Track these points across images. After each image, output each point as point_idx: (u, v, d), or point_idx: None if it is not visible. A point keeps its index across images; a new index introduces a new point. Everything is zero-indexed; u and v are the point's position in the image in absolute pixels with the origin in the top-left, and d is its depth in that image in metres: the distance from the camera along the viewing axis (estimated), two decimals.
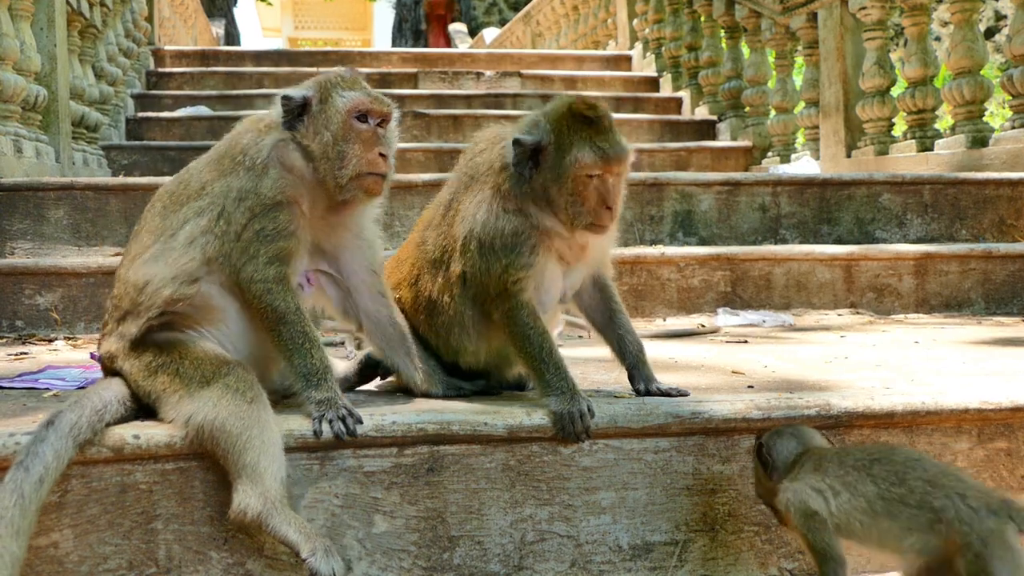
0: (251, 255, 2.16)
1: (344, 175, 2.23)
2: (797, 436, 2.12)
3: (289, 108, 2.25)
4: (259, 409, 2.03)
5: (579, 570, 2.21)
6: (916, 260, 4.61)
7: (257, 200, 2.18)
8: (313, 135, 2.24)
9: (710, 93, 8.94)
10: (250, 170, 2.21)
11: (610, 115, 2.34)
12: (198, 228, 2.19)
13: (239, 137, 2.30)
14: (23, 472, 1.87)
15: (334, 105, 2.24)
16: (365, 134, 2.24)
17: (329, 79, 2.29)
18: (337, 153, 2.22)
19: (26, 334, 4.02)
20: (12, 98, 5.48)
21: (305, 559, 1.92)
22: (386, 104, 2.29)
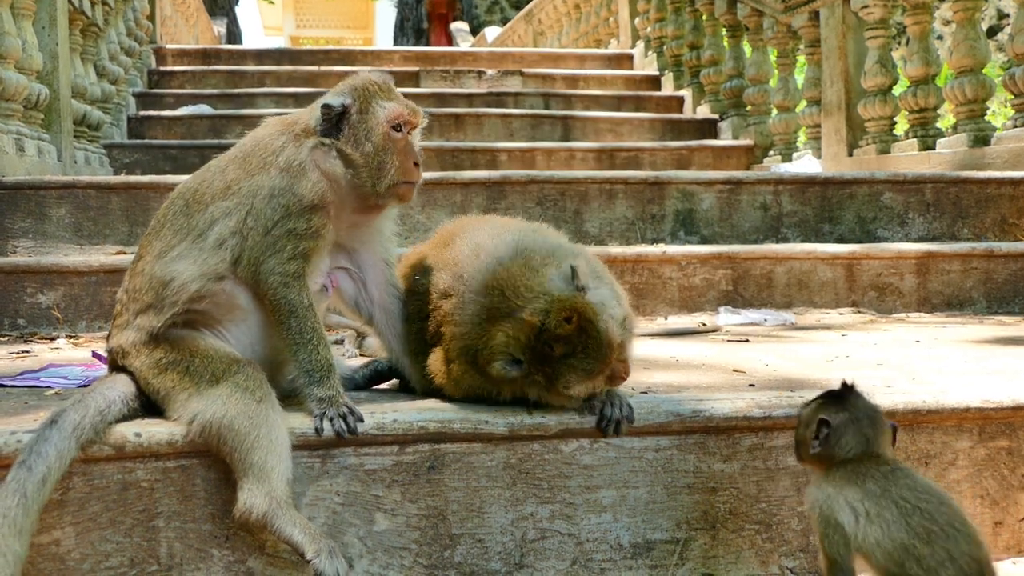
0: (276, 249, 2.18)
1: (383, 184, 2.28)
2: (865, 436, 1.97)
3: (329, 117, 2.27)
4: (268, 408, 2.03)
5: (580, 568, 2.21)
6: (918, 259, 4.60)
7: (293, 199, 2.21)
8: (354, 144, 2.27)
9: (712, 92, 8.94)
10: (285, 171, 2.23)
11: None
12: (227, 229, 2.20)
13: (270, 140, 2.30)
14: (26, 471, 1.88)
15: (375, 116, 2.27)
16: (400, 143, 2.30)
17: (367, 87, 2.31)
18: (377, 163, 2.27)
19: (28, 332, 4.02)
20: (14, 97, 5.49)
21: (310, 560, 1.93)
22: (419, 114, 2.35)
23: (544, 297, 2.00)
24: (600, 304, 2.02)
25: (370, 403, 2.35)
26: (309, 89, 9.26)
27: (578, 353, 2.01)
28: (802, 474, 2.30)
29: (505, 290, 2.03)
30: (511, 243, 2.19)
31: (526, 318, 1.99)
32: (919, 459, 2.37)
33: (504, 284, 2.03)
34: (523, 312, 1.99)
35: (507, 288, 2.03)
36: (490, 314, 2.05)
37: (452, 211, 4.97)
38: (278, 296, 2.18)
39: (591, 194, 5.14)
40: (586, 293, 2.03)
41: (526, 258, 2.10)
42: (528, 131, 8.43)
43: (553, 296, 1.99)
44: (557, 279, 2.03)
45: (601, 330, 1.99)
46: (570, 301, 1.99)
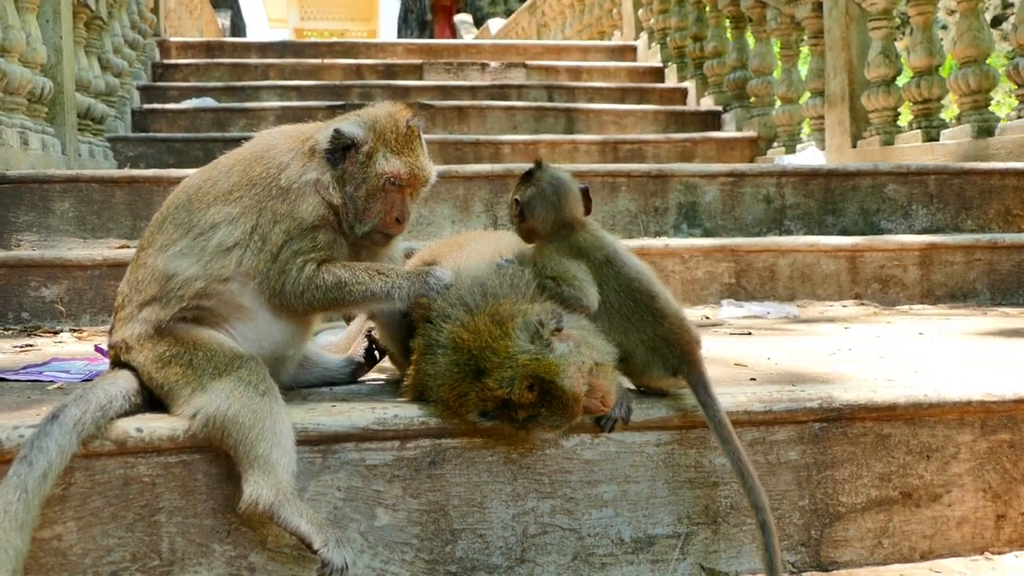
0: (288, 272, 2.21)
1: (360, 228, 2.30)
2: (551, 203, 2.30)
3: (337, 144, 2.28)
4: (271, 402, 2.04)
5: (581, 563, 2.21)
6: (921, 251, 4.60)
7: (294, 223, 2.23)
8: (350, 179, 2.29)
9: (715, 83, 8.92)
10: (286, 192, 2.24)
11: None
12: (231, 238, 2.21)
13: (277, 152, 2.30)
14: (27, 467, 1.88)
15: (376, 165, 2.29)
16: (393, 196, 2.31)
17: (385, 132, 2.31)
18: (363, 207, 2.29)
19: (31, 326, 4.03)
20: (18, 90, 5.50)
21: (317, 550, 1.93)
22: (423, 177, 2.36)
23: (509, 364, 1.98)
24: (563, 361, 1.99)
25: (371, 398, 2.35)
26: (313, 82, 9.26)
27: (543, 413, 2.02)
28: (804, 468, 2.31)
29: (472, 349, 2.02)
30: (480, 284, 2.16)
31: (492, 388, 1.99)
32: (921, 452, 2.36)
33: (471, 344, 2.02)
34: (490, 379, 1.99)
35: (474, 348, 2.02)
36: (460, 370, 2.04)
37: (455, 205, 4.96)
38: (311, 307, 2.24)
39: (594, 187, 5.11)
40: (552, 349, 2.01)
41: (494, 309, 2.07)
42: (532, 123, 8.42)
43: (517, 361, 1.98)
44: (523, 338, 2.00)
45: (565, 389, 1.99)
46: (532, 367, 1.97)
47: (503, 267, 2.26)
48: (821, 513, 2.32)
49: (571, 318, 2.11)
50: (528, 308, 2.06)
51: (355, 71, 9.89)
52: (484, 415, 2.05)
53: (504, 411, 2.03)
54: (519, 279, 2.16)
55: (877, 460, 2.35)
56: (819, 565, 2.32)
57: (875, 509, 2.35)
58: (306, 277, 2.20)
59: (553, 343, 2.01)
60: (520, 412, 2.01)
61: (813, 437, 2.32)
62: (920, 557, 2.37)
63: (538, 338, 2.00)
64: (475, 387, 2.01)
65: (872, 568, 2.33)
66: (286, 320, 2.28)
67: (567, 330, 2.06)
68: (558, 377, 1.98)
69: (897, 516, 2.36)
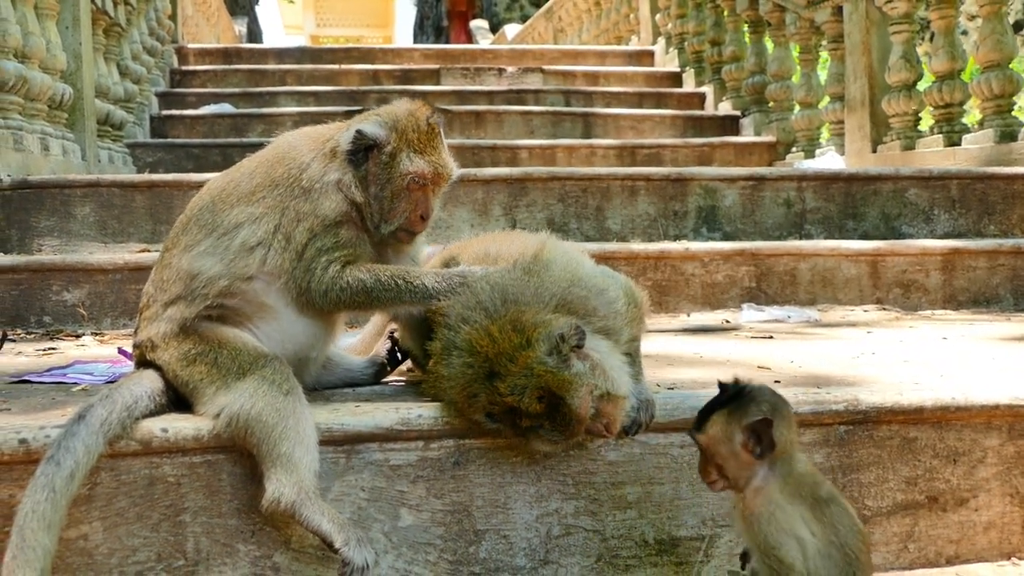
0: (312, 270, 2.22)
1: (385, 227, 2.32)
2: (791, 430, 1.85)
3: (360, 145, 2.29)
4: (295, 401, 2.04)
5: (605, 564, 2.20)
6: (944, 256, 4.56)
7: (316, 220, 2.24)
8: (373, 180, 2.30)
9: (733, 88, 8.90)
10: (308, 192, 2.26)
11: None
12: (255, 238, 2.22)
13: (298, 153, 2.32)
14: (54, 467, 1.89)
15: (401, 165, 2.30)
16: (417, 195, 2.33)
17: (407, 131, 2.31)
18: (388, 207, 2.30)
19: (53, 330, 4.05)
20: (39, 96, 5.53)
21: (339, 549, 1.92)
22: (446, 173, 2.37)
23: (524, 373, 1.97)
24: (577, 380, 1.98)
25: (394, 398, 2.35)
26: (330, 87, 9.29)
27: (545, 426, 2.01)
28: (829, 471, 2.29)
29: (488, 354, 2.01)
30: (500, 290, 2.12)
31: (503, 393, 1.98)
32: (947, 457, 2.34)
33: (488, 349, 2.01)
34: (503, 384, 1.98)
35: (490, 353, 2.01)
36: (474, 372, 2.03)
37: (474, 208, 4.97)
38: (336, 306, 2.25)
39: (613, 191, 5.13)
40: (569, 365, 1.99)
41: (516, 316, 2.04)
42: (549, 128, 8.41)
43: (533, 371, 1.97)
44: (542, 350, 1.98)
45: (572, 408, 1.98)
46: (546, 379, 1.96)
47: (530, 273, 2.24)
48: None
49: (593, 339, 2.09)
50: (552, 320, 2.04)
51: (372, 76, 9.91)
52: (490, 416, 2.05)
53: (509, 416, 2.02)
54: (544, 289, 2.15)
55: (903, 464, 2.33)
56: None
57: (901, 513, 2.33)
58: (330, 277, 2.21)
59: (571, 359, 2.00)
60: (524, 420, 2.01)
61: (839, 440, 2.30)
62: (946, 562, 2.35)
63: (557, 352, 1.99)
64: (486, 389, 2.01)
65: (898, 572, 2.31)
66: (310, 320, 2.29)
67: (587, 349, 2.05)
68: (568, 395, 1.97)
69: (923, 520, 2.34)
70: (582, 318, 2.09)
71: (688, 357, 3.09)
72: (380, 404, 2.24)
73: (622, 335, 2.18)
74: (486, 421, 2.05)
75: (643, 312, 2.29)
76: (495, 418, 2.04)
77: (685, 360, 3.03)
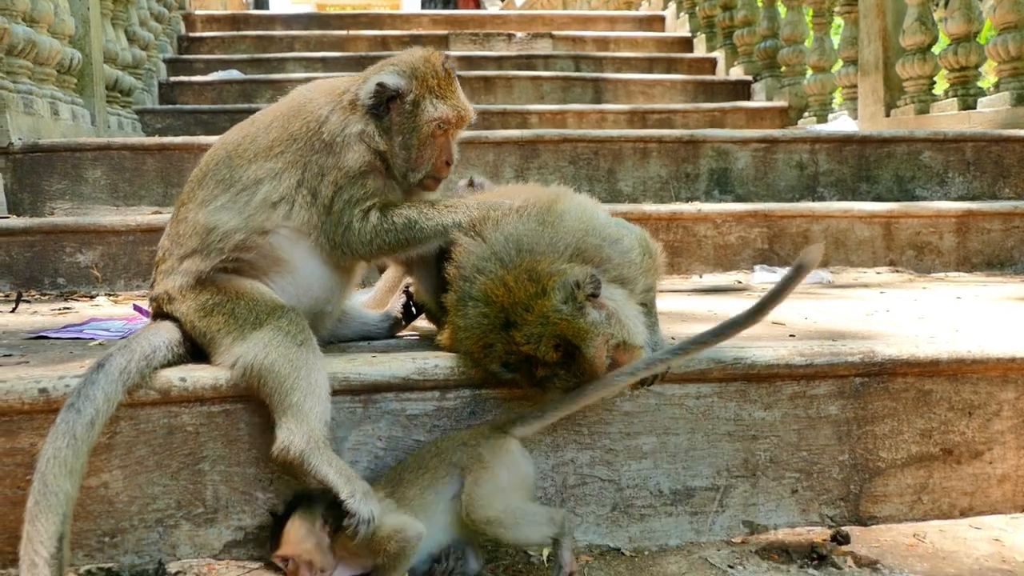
0: (347, 223, 2.22)
1: (413, 176, 2.33)
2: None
3: (382, 98, 2.28)
4: (308, 352, 2.05)
5: (620, 514, 2.21)
6: (958, 217, 4.54)
7: (340, 173, 2.24)
8: (398, 130, 2.30)
9: (745, 53, 8.83)
10: (329, 145, 2.25)
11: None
12: (276, 193, 2.22)
13: (315, 106, 2.30)
14: (75, 414, 1.90)
15: (425, 113, 2.30)
16: (441, 141, 2.33)
17: (426, 78, 2.31)
18: (415, 155, 2.31)
19: (67, 291, 4.07)
20: (47, 60, 5.52)
21: (344, 500, 1.93)
22: (468, 116, 2.37)
23: (540, 321, 1.97)
24: (593, 328, 1.98)
25: (411, 349, 2.36)
26: (338, 53, 9.24)
27: (561, 375, 2.02)
28: (844, 423, 2.29)
29: (504, 303, 2.01)
30: (515, 240, 2.12)
31: (519, 342, 1.98)
32: (963, 409, 2.34)
33: (503, 299, 2.01)
34: (519, 333, 1.98)
35: (506, 303, 2.01)
36: (489, 322, 2.03)
37: (485, 171, 4.95)
38: (380, 252, 2.26)
39: (625, 153, 5.11)
40: (584, 314, 1.99)
41: (531, 265, 2.04)
42: (559, 94, 8.37)
43: (548, 320, 1.97)
44: (558, 298, 1.98)
45: (588, 357, 1.98)
46: (562, 328, 1.96)
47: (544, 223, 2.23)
48: (861, 468, 2.31)
49: (608, 288, 2.09)
50: (566, 269, 2.04)
51: (380, 42, 9.85)
52: (506, 366, 2.05)
53: (525, 366, 2.02)
54: (558, 238, 2.14)
55: (918, 416, 2.33)
56: (858, 520, 2.31)
57: (915, 465, 2.33)
58: (372, 225, 2.22)
59: (587, 308, 1.99)
60: (540, 370, 2.01)
61: (854, 392, 2.30)
62: (960, 514, 2.35)
63: (572, 300, 1.98)
64: (502, 339, 2.01)
65: (912, 524, 2.32)
66: (326, 274, 2.29)
67: (602, 298, 2.04)
68: (584, 343, 1.97)
69: (937, 472, 2.34)
70: (596, 267, 2.09)
71: (702, 314, 3.08)
72: (396, 355, 2.24)
73: (637, 284, 2.18)
74: (502, 371, 2.06)
75: (657, 263, 2.29)
76: (511, 368, 2.04)
77: (699, 317, 3.03)
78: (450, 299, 2.16)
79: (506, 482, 1.98)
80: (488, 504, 1.94)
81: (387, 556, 1.92)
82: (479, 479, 1.97)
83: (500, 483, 1.98)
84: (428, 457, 2.03)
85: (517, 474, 2.02)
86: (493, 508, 1.94)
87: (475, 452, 2.01)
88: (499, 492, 1.96)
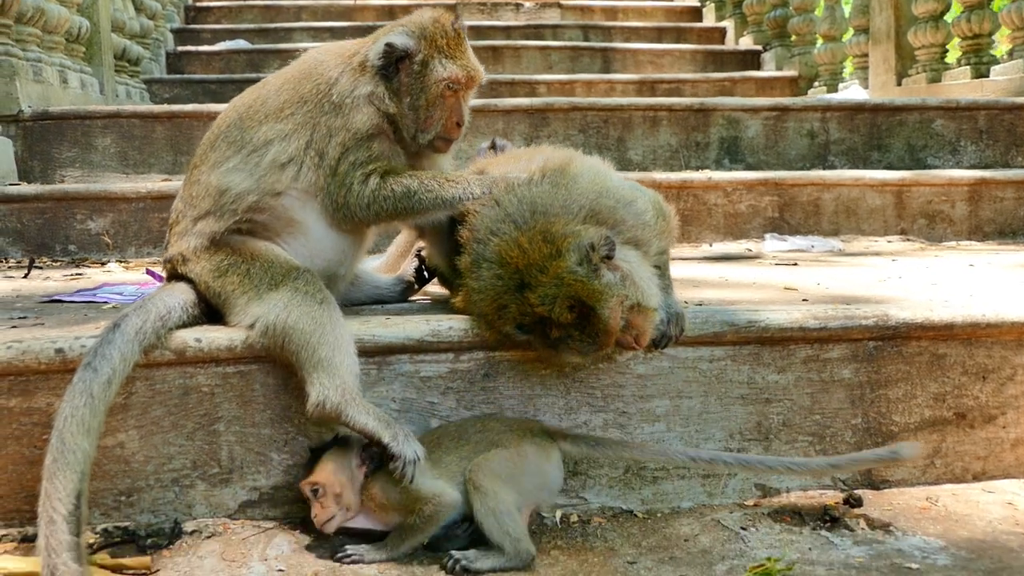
0: (348, 185, 2.21)
1: (423, 136, 2.31)
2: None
3: (391, 59, 2.26)
4: (330, 309, 2.05)
5: (633, 476, 2.22)
6: (970, 186, 4.52)
7: (348, 135, 2.23)
8: (406, 91, 2.28)
9: (755, 22, 8.76)
10: (339, 107, 2.24)
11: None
12: (285, 154, 2.21)
13: (325, 68, 2.29)
14: (92, 373, 1.90)
15: (434, 73, 2.28)
16: (451, 101, 2.31)
17: (435, 37, 2.29)
18: (424, 116, 2.29)
19: (79, 258, 4.08)
20: (56, 28, 5.50)
21: (387, 444, 1.93)
22: (478, 77, 2.35)
23: (554, 282, 1.97)
24: (607, 290, 1.97)
25: (424, 311, 2.36)
26: (345, 23, 9.19)
27: (575, 336, 2.01)
28: (857, 387, 2.29)
29: (519, 265, 2.00)
30: (529, 203, 2.10)
31: (534, 304, 1.98)
32: (977, 373, 2.34)
33: (518, 260, 2.00)
34: (533, 294, 1.98)
35: (520, 264, 2.00)
36: (503, 284, 2.03)
37: None
38: (377, 217, 2.25)
39: (634, 121, 5.08)
40: (599, 275, 1.98)
41: (545, 227, 2.03)
42: (567, 64, 8.32)
43: (563, 281, 1.96)
44: (573, 260, 1.98)
45: (602, 318, 1.97)
46: (576, 289, 1.96)
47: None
48: (874, 432, 2.31)
49: (622, 250, 2.08)
50: (581, 230, 2.03)
51: (388, 12, 9.77)
52: (520, 328, 2.04)
53: (539, 327, 2.02)
54: (572, 200, 2.13)
55: (932, 380, 2.33)
56: (871, 484, 2.31)
57: (928, 429, 2.33)
58: (371, 189, 2.20)
59: (601, 269, 1.99)
60: (554, 331, 2.00)
61: (868, 355, 2.30)
62: (972, 478, 2.36)
63: (587, 261, 1.98)
64: (516, 300, 2.01)
65: (924, 488, 2.32)
66: (339, 236, 2.28)
67: (617, 260, 2.03)
68: (599, 304, 1.97)
69: (951, 437, 2.34)
70: (611, 229, 2.08)
71: (714, 280, 3.08)
72: (410, 317, 2.25)
73: (651, 247, 2.17)
74: (516, 333, 2.05)
75: (671, 225, 2.28)
76: (525, 329, 2.04)
77: (711, 283, 3.03)
78: (464, 262, 2.16)
79: (525, 484, 1.99)
80: (495, 484, 1.94)
81: (420, 517, 1.93)
82: (507, 461, 1.98)
83: (520, 482, 1.98)
84: (472, 431, 2.04)
85: (542, 484, 2.03)
86: (496, 492, 1.94)
87: (519, 444, 2.00)
88: (511, 485, 1.96)
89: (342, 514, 1.96)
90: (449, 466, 1.98)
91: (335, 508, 1.95)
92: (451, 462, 1.98)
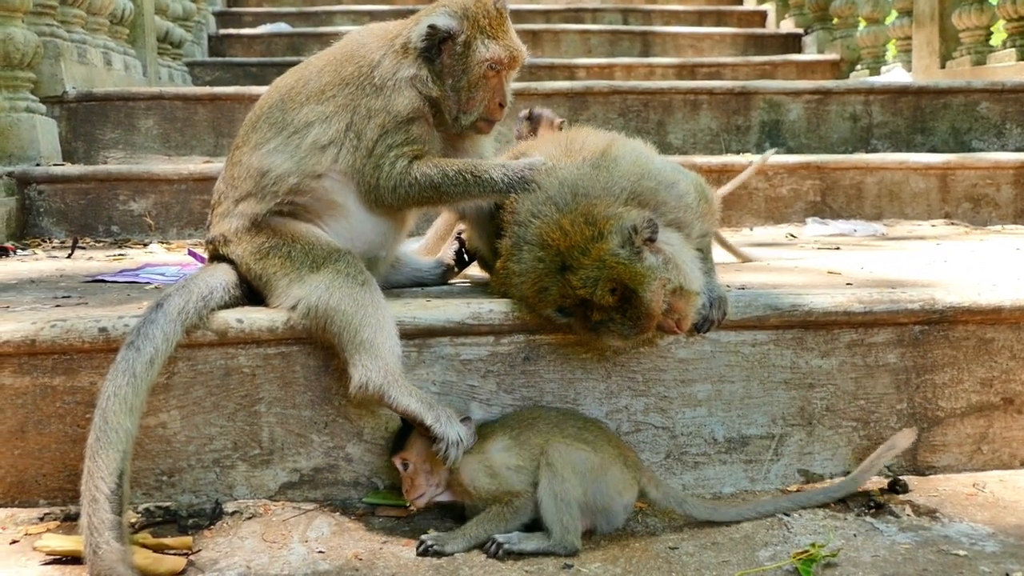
0: (380, 166, 2.20)
1: (466, 118, 2.30)
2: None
3: (433, 40, 2.25)
4: (372, 291, 2.05)
5: (674, 461, 2.21)
6: (1016, 169, 4.43)
7: (388, 117, 2.22)
8: (448, 72, 2.27)
9: (796, 5, 8.64)
10: (380, 89, 2.23)
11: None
12: (326, 136, 2.21)
13: (367, 51, 2.29)
14: (134, 352, 1.92)
15: (477, 53, 2.26)
16: (493, 82, 2.29)
17: (478, 16, 2.28)
18: (466, 97, 2.28)
19: (121, 238, 4.12)
20: (100, 11, 5.55)
21: (430, 426, 1.94)
22: (521, 57, 2.33)
23: (596, 265, 1.94)
24: (650, 272, 1.94)
25: (465, 294, 2.35)
26: (386, 6, 9.18)
27: (616, 319, 1.98)
28: (903, 371, 2.26)
29: (560, 247, 1.98)
30: (570, 185, 2.08)
31: (575, 286, 1.96)
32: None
33: (559, 242, 1.98)
34: (575, 276, 1.96)
35: (562, 246, 1.98)
36: (545, 266, 2.01)
37: None
38: (405, 202, 2.23)
39: (674, 105, 5.04)
40: (641, 258, 1.96)
41: (587, 209, 2.01)
42: (606, 47, 8.27)
43: (605, 263, 1.94)
44: (615, 242, 1.95)
45: (644, 301, 1.95)
46: (618, 271, 1.93)
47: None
48: (919, 418, 2.27)
49: (664, 232, 2.06)
50: (623, 212, 2.01)
51: None
52: (561, 311, 2.03)
53: (580, 310, 2.00)
54: (613, 182, 2.11)
55: (979, 365, 2.29)
56: (916, 469, 2.28)
57: (975, 415, 2.29)
58: (399, 172, 2.19)
59: (644, 252, 1.97)
60: (596, 314, 1.98)
61: (913, 340, 2.26)
62: (1020, 464, 2.32)
63: (629, 244, 1.95)
64: (557, 282, 1.99)
65: (970, 474, 2.28)
66: (380, 219, 2.28)
67: (659, 243, 2.01)
68: (641, 287, 1.94)
69: (998, 422, 2.30)
70: (652, 211, 2.06)
71: (755, 264, 3.05)
72: (451, 300, 2.24)
73: (693, 229, 2.15)
74: (557, 316, 2.04)
75: (713, 208, 2.25)
76: (566, 312, 2.03)
77: (753, 266, 3.00)
78: (504, 244, 2.15)
79: (592, 496, 1.97)
80: (569, 472, 1.95)
81: (508, 508, 1.95)
82: (588, 464, 1.97)
83: (589, 490, 1.96)
84: (570, 425, 2.03)
85: (605, 507, 1.99)
86: (567, 479, 1.94)
87: (607, 460, 1.99)
88: (582, 486, 1.96)
89: (432, 490, 1.99)
90: (533, 450, 1.98)
91: (425, 485, 1.97)
92: (538, 444, 1.98)
